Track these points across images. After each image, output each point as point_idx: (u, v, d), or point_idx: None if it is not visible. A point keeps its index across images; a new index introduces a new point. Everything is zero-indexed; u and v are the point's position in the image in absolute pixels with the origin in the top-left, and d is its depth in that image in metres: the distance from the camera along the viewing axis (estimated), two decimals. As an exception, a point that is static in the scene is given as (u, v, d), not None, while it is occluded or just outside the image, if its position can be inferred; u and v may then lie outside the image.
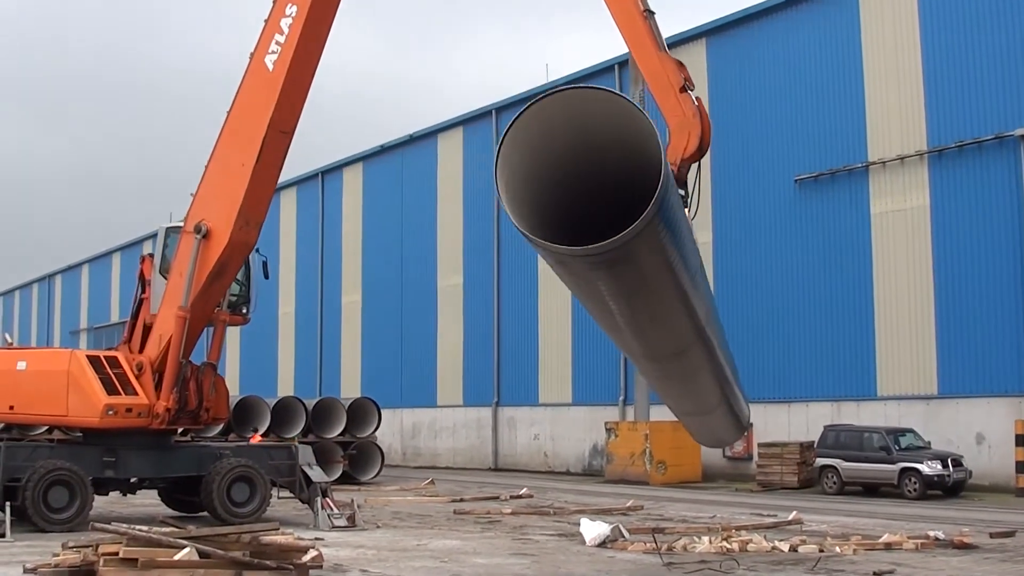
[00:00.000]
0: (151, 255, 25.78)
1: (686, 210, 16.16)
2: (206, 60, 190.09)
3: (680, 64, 17.84)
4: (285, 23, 22.87)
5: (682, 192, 16.71)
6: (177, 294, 23.88)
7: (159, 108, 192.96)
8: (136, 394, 23.61)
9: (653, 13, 18.40)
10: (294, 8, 22.82)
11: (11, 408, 24.06)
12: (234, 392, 40.72)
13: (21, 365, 24.16)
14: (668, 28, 26.49)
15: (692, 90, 17.74)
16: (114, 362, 23.95)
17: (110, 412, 23.21)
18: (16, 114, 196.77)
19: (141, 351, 24.69)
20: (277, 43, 22.94)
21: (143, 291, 25.39)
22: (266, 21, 23.31)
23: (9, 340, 38.60)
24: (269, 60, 23.08)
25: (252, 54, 23.51)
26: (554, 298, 50.38)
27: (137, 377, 23.85)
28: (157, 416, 23.89)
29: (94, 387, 23.36)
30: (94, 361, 23.87)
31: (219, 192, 23.66)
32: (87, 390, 23.36)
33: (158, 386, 24.01)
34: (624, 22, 18.46)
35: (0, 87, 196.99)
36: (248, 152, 23.31)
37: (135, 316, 25.54)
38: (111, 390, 23.40)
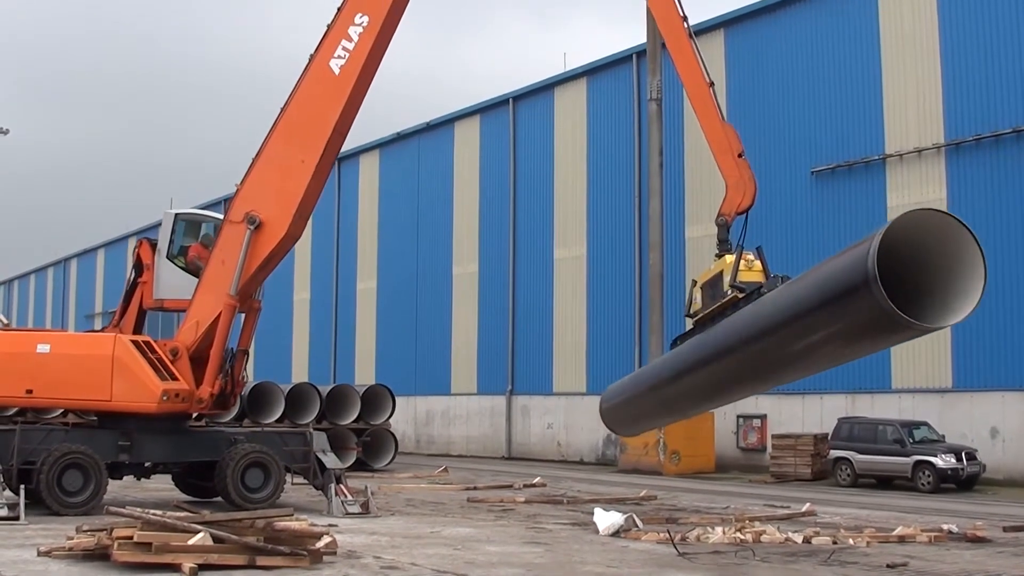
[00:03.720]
0: (149, 240, 25.99)
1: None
2: (219, 54, 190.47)
3: (736, 132, 22.47)
4: (355, 31, 23.67)
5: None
6: (219, 281, 24.13)
7: (172, 99, 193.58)
8: (177, 379, 23.75)
9: (713, 84, 23.00)
10: (365, 18, 23.64)
11: (29, 392, 23.62)
12: (249, 378, 40.82)
13: (43, 348, 23.90)
14: (686, 18, 26.59)
15: (744, 156, 22.61)
16: (149, 347, 24.01)
17: (164, 398, 23.37)
18: (32, 103, 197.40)
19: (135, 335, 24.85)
20: (345, 49, 23.68)
21: (139, 275, 25.56)
22: (330, 26, 23.95)
23: (5, 322, 38.48)
24: (335, 64, 23.75)
25: (313, 56, 24.07)
26: (569, 287, 50.42)
27: (172, 362, 23.95)
28: (201, 401, 24.14)
29: (148, 372, 23.36)
30: (136, 346, 23.94)
31: (274, 187, 24.07)
32: (140, 375, 23.29)
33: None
34: (694, 93, 22.92)
35: (20, 77, 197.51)
36: (309, 150, 23.92)
37: (127, 299, 25.74)
38: (160, 376, 23.55)
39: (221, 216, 26.56)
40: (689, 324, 21.50)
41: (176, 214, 25.96)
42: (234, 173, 25.49)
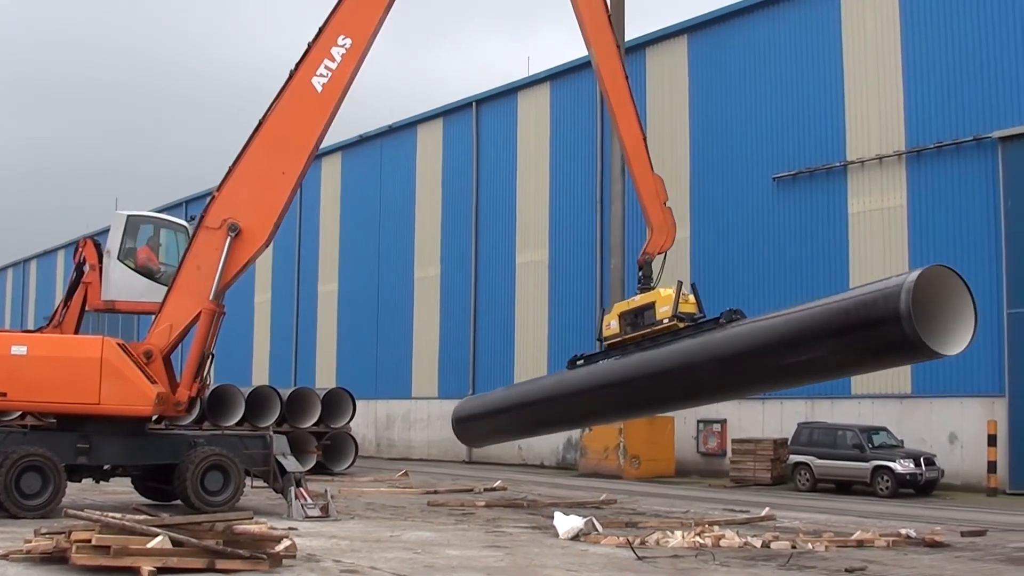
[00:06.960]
0: (93, 240, 25.96)
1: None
2: (181, 61, 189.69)
3: (663, 182, 25.35)
4: (337, 52, 24.57)
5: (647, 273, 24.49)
6: (194, 285, 24.33)
7: (131, 103, 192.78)
8: (156, 382, 23.76)
9: (646, 137, 25.84)
10: (348, 41, 24.57)
11: (3, 395, 23.15)
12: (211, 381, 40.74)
13: (19, 350, 23.53)
14: (649, 25, 27.50)
15: (667, 203, 25.20)
16: (126, 350, 23.91)
17: (157, 401, 23.47)
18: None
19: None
20: (328, 68, 24.53)
21: (82, 275, 25.50)
22: (311, 44, 24.64)
23: None
24: (317, 82, 24.56)
25: (294, 73, 24.67)
26: (530, 291, 50.44)
27: (146, 364, 23.88)
28: (179, 404, 24.37)
29: (139, 376, 23.44)
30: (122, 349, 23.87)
31: (254, 196, 24.52)
32: (132, 379, 23.33)
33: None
34: (631, 145, 25.60)
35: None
36: (290, 162, 24.63)
37: (68, 299, 25.71)
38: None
39: (173, 219, 26.69)
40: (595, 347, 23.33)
41: (128, 215, 25.93)
42: (191, 178, 25.84)
